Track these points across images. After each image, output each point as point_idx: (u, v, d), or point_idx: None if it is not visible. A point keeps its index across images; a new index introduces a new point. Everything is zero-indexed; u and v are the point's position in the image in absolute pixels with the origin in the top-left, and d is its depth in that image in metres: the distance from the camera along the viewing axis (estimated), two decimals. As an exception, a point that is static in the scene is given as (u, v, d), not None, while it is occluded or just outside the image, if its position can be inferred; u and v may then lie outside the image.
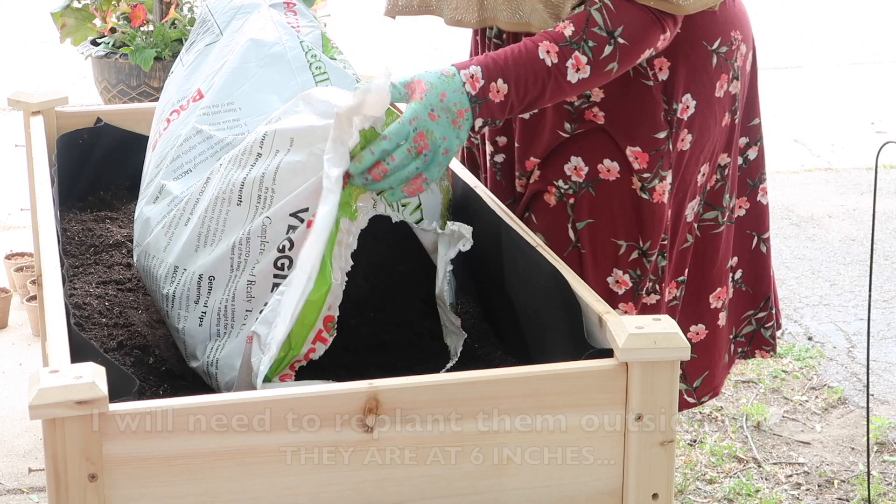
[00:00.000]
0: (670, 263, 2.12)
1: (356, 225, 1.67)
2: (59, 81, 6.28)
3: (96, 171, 2.35)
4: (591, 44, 1.82)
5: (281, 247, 1.65)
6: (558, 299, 1.64)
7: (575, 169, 2.01)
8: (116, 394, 1.37)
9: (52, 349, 1.49)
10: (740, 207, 2.22)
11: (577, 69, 1.82)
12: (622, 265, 2.06)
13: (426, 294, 1.86)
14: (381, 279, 1.88)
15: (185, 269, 1.73)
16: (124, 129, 2.38)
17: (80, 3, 4.64)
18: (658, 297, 2.11)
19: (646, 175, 2.00)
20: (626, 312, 2.05)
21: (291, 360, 1.64)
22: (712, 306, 2.21)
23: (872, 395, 3.40)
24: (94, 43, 4.58)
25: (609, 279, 2.06)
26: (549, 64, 1.80)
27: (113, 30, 4.50)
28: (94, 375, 1.34)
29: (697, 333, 2.22)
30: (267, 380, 1.61)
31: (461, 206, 1.98)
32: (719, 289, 2.20)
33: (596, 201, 2.02)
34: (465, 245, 1.76)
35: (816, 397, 3.40)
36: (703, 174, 2.10)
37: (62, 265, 1.72)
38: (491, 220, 1.88)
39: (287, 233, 1.65)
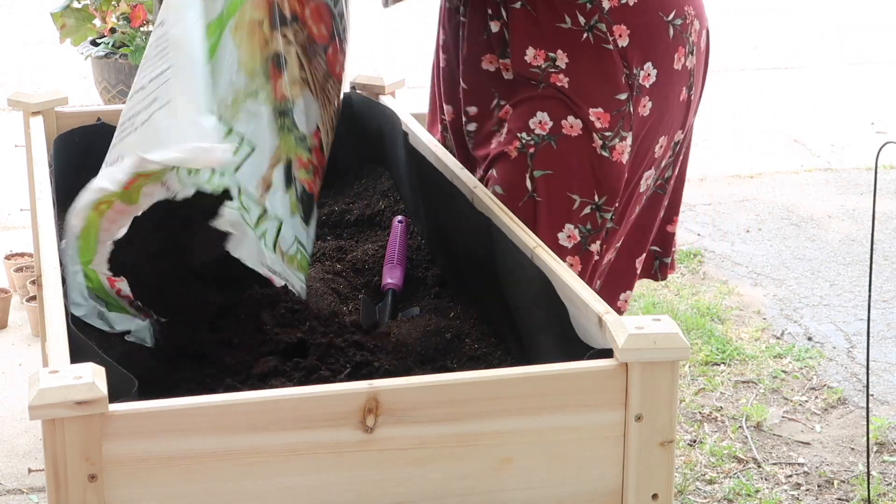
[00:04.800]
0: (619, 229, 2.20)
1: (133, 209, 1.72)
2: (59, 82, 6.27)
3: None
4: None
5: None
6: (545, 301, 1.65)
7: (539, 123, 2.09)
8: (116, 394, 1.37)
9: (51, 349, 1.49)
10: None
11: None
12: (574, 220, 2.12)
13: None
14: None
15: None
16: (124, 129, 2.38)
17: (80, 3, 4.64)
18: (599, 255, 2.17)
19: (607, 134, 2.08)
20: (571, 265, 2.12)
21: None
22: (637, 270, 2.30)
23: (872, 395, 3.40)
24: (94, 43, 4.58)
25: (560, 234, 2.12)
26: None
27: (113, 30, 4.50)
28: (93, 376, 1.33)
29: (626, 301, 2.30)
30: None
31: (451, 200, 1.98)
32: (644, 254, 2.30)
33: (556, 154, 2.09)
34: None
35: (816, 397, 3.40)
36: (661, 146, 2.18)
37: (62, 265, 1.72)
38: (483, 219, 1.87)
39: None
